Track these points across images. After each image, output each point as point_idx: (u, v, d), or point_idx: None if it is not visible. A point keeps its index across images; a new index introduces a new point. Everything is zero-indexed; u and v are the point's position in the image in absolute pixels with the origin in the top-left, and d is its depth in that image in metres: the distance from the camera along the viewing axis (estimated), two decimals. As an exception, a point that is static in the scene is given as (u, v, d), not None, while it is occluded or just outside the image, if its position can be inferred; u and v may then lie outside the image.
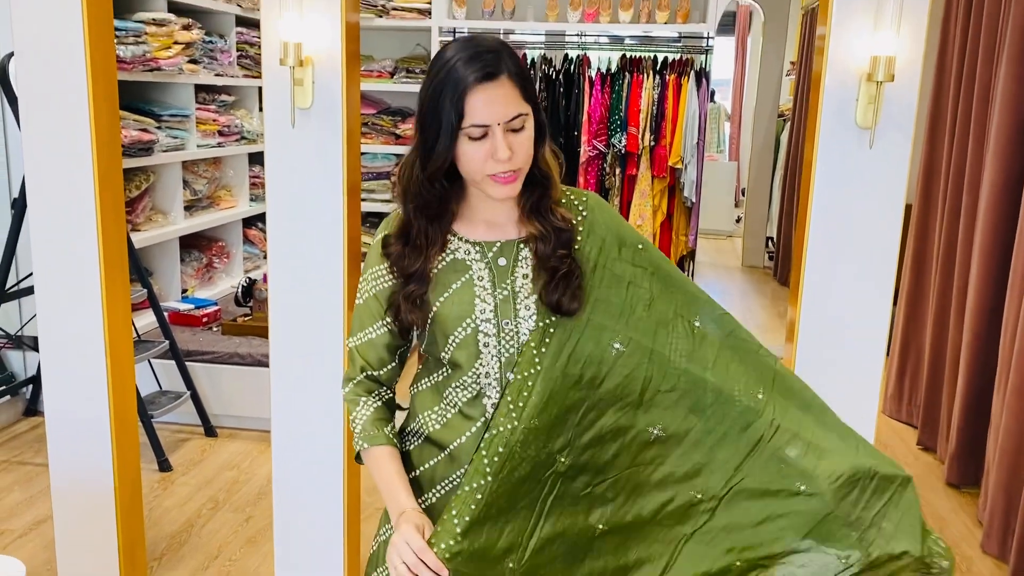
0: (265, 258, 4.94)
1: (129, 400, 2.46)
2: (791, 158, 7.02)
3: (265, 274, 4.43)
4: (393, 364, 1.41)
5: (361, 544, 2.50)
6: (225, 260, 5.06)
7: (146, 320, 3.90)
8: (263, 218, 4.66)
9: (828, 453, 1.33)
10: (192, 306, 4.26)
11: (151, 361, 3.72)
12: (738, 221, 7.90)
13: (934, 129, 3.96)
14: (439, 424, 1.36)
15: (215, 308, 4.30)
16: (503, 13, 5.22)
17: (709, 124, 6.56)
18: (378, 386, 1.42)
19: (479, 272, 1.33)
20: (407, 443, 1.42)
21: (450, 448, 1.35)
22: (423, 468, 1.39)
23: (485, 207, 1.36)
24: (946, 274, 3.77)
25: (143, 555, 2.56)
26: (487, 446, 1.26)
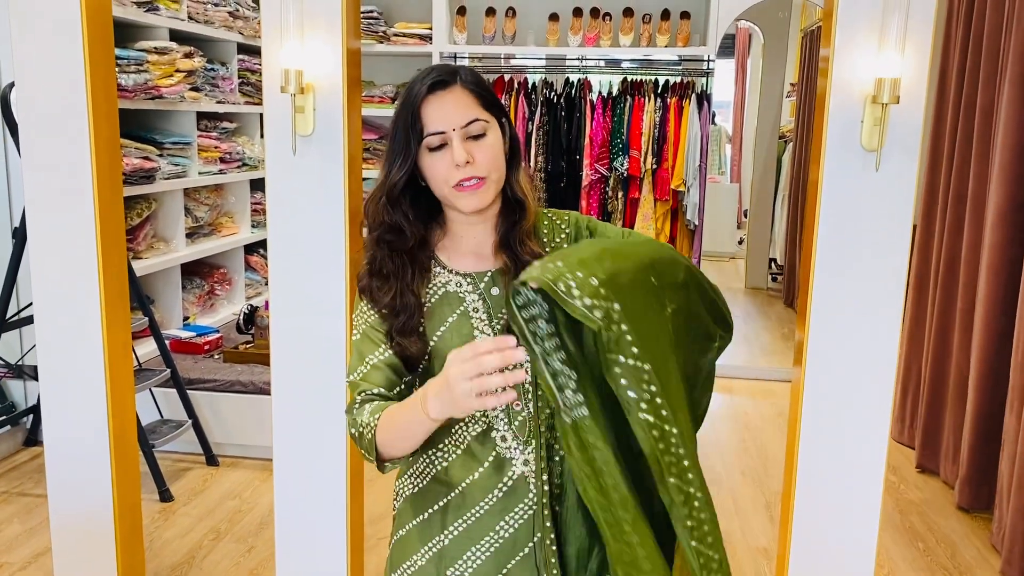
0: (267, 285, 4.93)
1: (129, 430, 2.43)
2: (794, 179, 7.01)
3: (267, 301, 4.41)
4: (401, 389, 1.29)
5: (365, 575, 2.46)
6: (227, 287, 5.04)
7: (147, 348, 3.88)
8: (265, 245, 4.64)
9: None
10: (193, 334, 4.24)
11: (152, 389, 3.70)
12: (741, 243, 7.88)
13: (935, 150, 3.95)
14: (446, 462, 1.30)
15: (216, 336, 4.28)
16: (504, 38, 5.23)
17: (711, 146, 6.54)
18: (385, 401, 1.29)
19: (473, 304, 1.30)
20: (407, 487, 1.35)
21: (461, 487, 1.29)
22: (431, 511, 1.32)
23: (468, 235, 1.33)
24: (948, 295, 3.74)
25: (143, 588, 2.52)
26: None
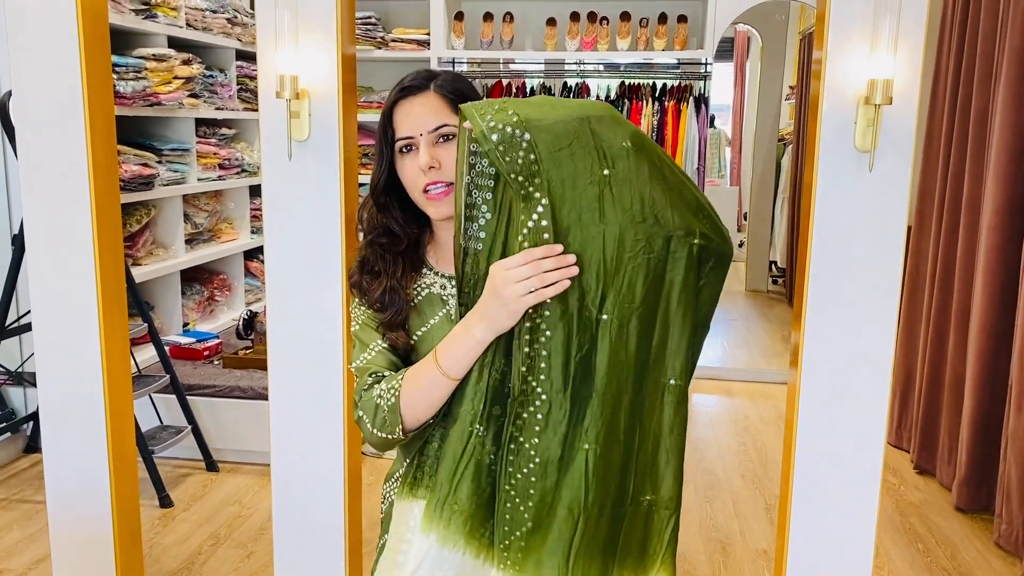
0: (267, 290, 4.93)
1: (128, 436, 2.43)
2: (793, 182, 7.02)
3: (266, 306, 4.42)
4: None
5: (363, 579, 2.46)
6: (227, 293, 5.05)
7: (147, 354, 3.89)
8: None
9: None
10: (193, 340, 4.24)
11: (152, 395, 3.70)
12: (741, 246, 7.88)
13: (928, 151, 3.95)
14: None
15: (216, 341, 4.29)
16: (501, 43, 5.24)
17: (709, 149, 6.57)
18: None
19: (456, 307, 1.31)
20: (393, 493, 1.38)
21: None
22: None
23: (450, 239, 1.34)
24: (943, 296, 3.73)
25: (142, 594, 2.52)
26: None
